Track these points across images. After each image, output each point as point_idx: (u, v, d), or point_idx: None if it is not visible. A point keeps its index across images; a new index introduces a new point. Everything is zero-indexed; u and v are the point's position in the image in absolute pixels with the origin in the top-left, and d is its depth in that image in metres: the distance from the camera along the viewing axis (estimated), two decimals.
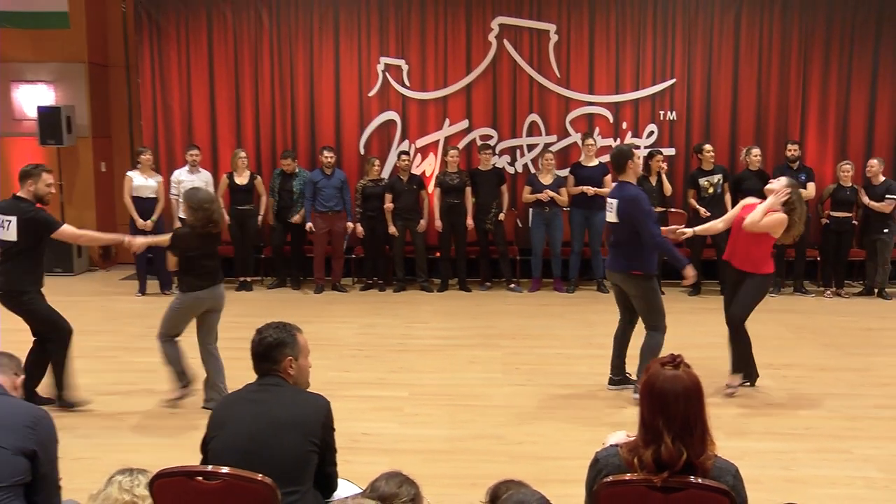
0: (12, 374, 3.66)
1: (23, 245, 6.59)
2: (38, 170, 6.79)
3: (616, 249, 6.86)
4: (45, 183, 6.76)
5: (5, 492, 3.22)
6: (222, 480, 3.11)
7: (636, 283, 6.76)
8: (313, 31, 12.21)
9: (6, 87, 12.80)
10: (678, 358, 2.98)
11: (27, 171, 6.79)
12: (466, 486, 4.87)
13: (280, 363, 3.59)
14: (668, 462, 2.83)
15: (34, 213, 6.64)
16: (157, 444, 5.85)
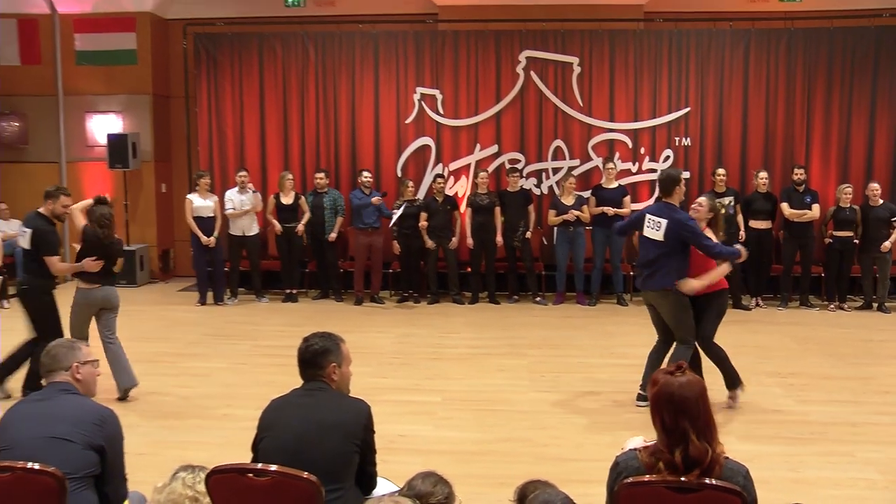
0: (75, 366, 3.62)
1: (34, 255, 7.04)
2: (58, 192, 7.19)
3: (651, 268, 6.62)
4: (62, 204, 7.12)
5: (78, 482, 3.26)
6: (271, 477, 3.12)
7: (671, 298, 6.57)
8: (355, 63, 12.29)
9: (81, 117, 13.02)
10: (682, 365, 3.00)
11: (49, 192, 7.19)
12: (495, 486, 4.85)
13: (325, 369, 3.59)
14: (697, 459, 2.81)
15: (44, 232, 7.05)
16: (211, 443, 5.88)
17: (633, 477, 2.90)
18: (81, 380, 3.62)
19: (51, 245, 7.08)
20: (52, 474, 3.09)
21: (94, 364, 3.74)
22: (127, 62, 12.74)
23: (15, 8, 12.79)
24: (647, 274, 6.67)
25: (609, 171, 11.29)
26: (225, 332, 9.65)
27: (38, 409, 3.46)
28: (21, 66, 12.98)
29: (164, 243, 13.37)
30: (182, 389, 7.30)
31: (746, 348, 8.68)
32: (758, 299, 11.10)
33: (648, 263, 6.65)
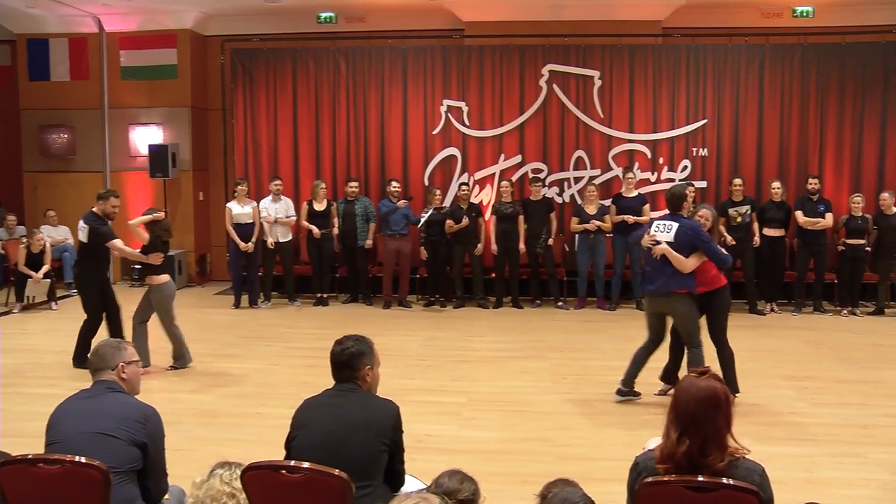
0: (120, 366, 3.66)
1: (90, 247, 8.00)
2: (108, 194, 8.17)
3: (660, 272, 6.60)
4: (112, 205, 8.09)
5: (121, 476, 3.30)
6: (303, 474, 3.13)
7: (680, 301, 6.57)
8: (384, 77, 12.35)
9: (125, 129, 13.19)
10: (707, 369, 2.98)
11: (101, 194, 8.16)
12: (518, 483, 4.84)
13: (359, 371, 3.60)
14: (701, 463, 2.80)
15: (98, 226, 7.96)
16: (246, 440, 5.91)
17: (652, 476, 2.89)
18: (126, 379, 3.66)
19: (106, 234, 7.99)
20: (97, 468, 3.14)
21: (139, 364, 3.80)
22: (168, 77, 12.90)
23: (67, 28, 13.05)
24: (656, 278, 6.66)
25: (629, 180, 11.25)
26: (259, 335, 9.70)
27: (85, 406, 3.50)
28: (70, 81, 13.19)
29: (201, 248, 13.48)
30: (218, 389, 7.35)
31: (761, 352, 8.62)
32: (772, 305, 11.01)
33: (658, 269, 6.64)
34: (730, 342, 6.87)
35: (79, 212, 12.95)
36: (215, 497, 3.10)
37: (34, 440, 3.73)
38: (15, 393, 7.13)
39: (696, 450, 2.82)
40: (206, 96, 13.47)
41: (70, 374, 7.38)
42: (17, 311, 11.01)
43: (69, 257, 12.24)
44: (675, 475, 2.84)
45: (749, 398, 6.86)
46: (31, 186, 13.44)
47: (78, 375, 6.14)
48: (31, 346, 9.11)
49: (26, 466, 3.21)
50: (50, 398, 3.94)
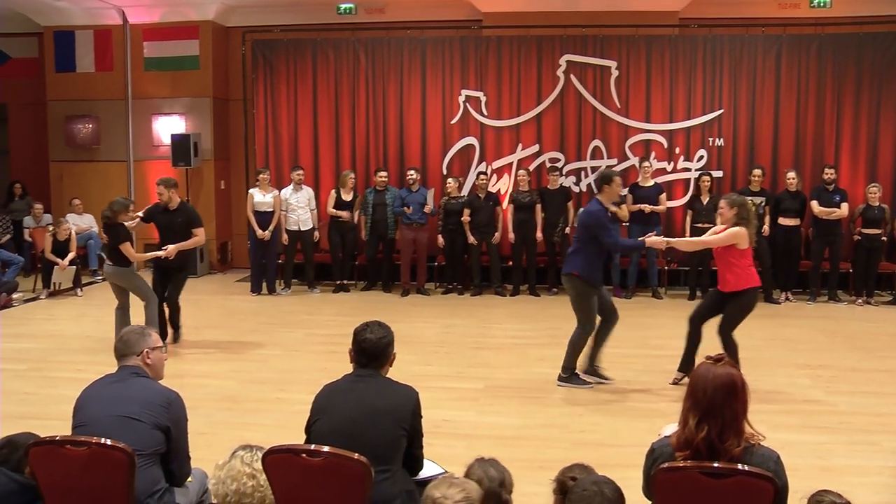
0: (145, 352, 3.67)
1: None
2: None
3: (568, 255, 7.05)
4: (158, 192, 8.33)
5: (146, 458, 3.33)
6: (324, 458, 3.14)
7: (573, 283, 6.83)
8: (403, 67, 12.33)
9: (148, 119, 13.25)
10: (722, 356, 2.97)
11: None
12: (535, 469, 4.83)
13: (388, 358, 3.64)
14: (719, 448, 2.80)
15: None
16: (266, 425, 5.93)
17: (668, 462, 2.88)
18: (151, 364, 3.69)
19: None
20: (123, 450, 3.16)
21: (163, 349, 3.81)
22: (190, 67, 12.93)
23: (92, 20, 13.12)
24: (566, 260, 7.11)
25: (645, 169, 11.20)
26: (280, 321, 9.74)
27: (111, 391, 3.53)
28: (95, 72, 13.25)
29: (222, 236, 13.54)
30: (240, 374, 7.39)
31: (776, 341, 8.57)
32: (787, 293, 10.94)
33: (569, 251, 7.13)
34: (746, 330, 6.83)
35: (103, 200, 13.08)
36: (235, 477, 3.14)
37: (61, 423, 3.77)
38: (42, 377, 7.20)
39: (715, 435, 2.82)
40: (228, 87, 13.49)
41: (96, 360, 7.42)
42: (44, 297, 11.12)
43: (94, 245, 12.34)
44: (693, 461, 2.83)
45: (764, 386, 6.81)
46: (57, 176, 13.54)
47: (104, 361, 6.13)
48: (58, 331, 9.19)
49: (55, 448, 3.25)
50: (76, 382, 3.97)
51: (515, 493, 3.23)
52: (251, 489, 3.14)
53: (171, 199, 8.24)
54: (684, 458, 2.86)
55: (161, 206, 8.34)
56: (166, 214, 8.32)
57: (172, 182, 8.39)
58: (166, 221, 8.32)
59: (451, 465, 3.69)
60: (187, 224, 8.28)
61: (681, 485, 2.86)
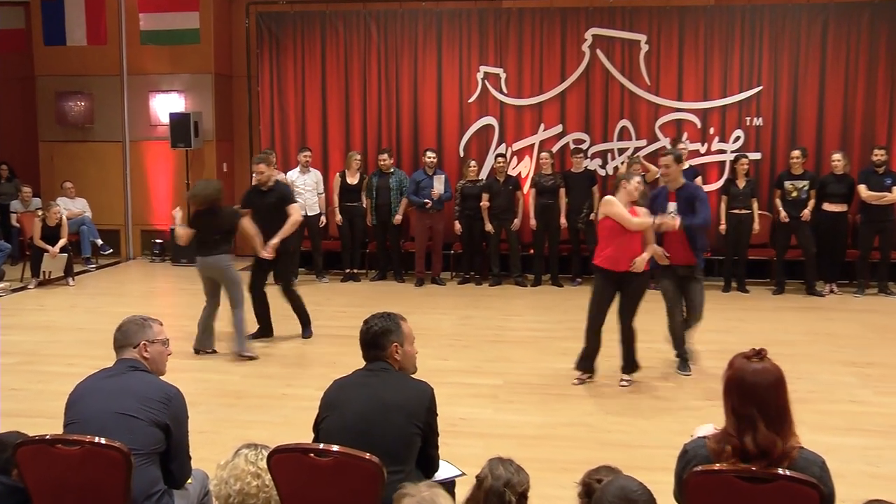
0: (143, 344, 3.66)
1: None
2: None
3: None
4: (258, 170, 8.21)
5: (143, 458, 3.33)
6: (333, 458, 3.14)
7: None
8: (418, 42, 12.30)
9: (145, 97, 13.29)
10: (762, 351, 2.94)
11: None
12: (557, 471, 4.83)
13: (386, 350, 3.60)
14: (764, 448, 2.76)
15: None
16: (272, 422, 5.95)
17: (702, 465, 2.86)
18: (149, 358, 3.67)
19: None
20: (118, 449, 3.16)
21: (165, 343, 3.77)
22: (190, 41, 12.92)
23: None
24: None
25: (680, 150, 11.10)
26: (286, 312, 9.74)
27: (106, 386, 3.52)
28: (88, 46, 13.26)
29: None
30: (243, 368, 7.42)
31: (820, 336, 8.51)
32: (832, 285, 10.83)
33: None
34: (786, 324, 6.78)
35: (97, 183, 13.28)
36: (239, 477, 3.14)
37: (52, 421, 3.78)
38: (32, 371, 7.25)
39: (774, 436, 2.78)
40: (231, 62, 13.50)
41: (90, 353, 7.47)
42: (32, 286, 11.14)
43: (87, 231, 12.40)
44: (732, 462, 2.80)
45: (807, 385, 6.78)
46: (47, 156, 13.61)
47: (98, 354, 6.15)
48: (49, 323, 9.24)
49: (44, 447, 3.24)
50: (68, 377, 3.99)
51: (536, 496, 3.22)
52: (255, 489, 3.15)
53: (269, 179, 8.07)
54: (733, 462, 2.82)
55: (258, 187, 8.23)
56: (260, 196, 8.17)
57: (271, 159, 8.32)
58: (259, 204, 8.12)
59: (467, 466, 3.68)
60: (279, 203, 8.07)
61: (716, 490, 2.82)
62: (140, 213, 13.53)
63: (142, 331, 3.69)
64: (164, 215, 13.27)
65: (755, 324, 8.84)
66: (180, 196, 13.07)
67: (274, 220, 7.99)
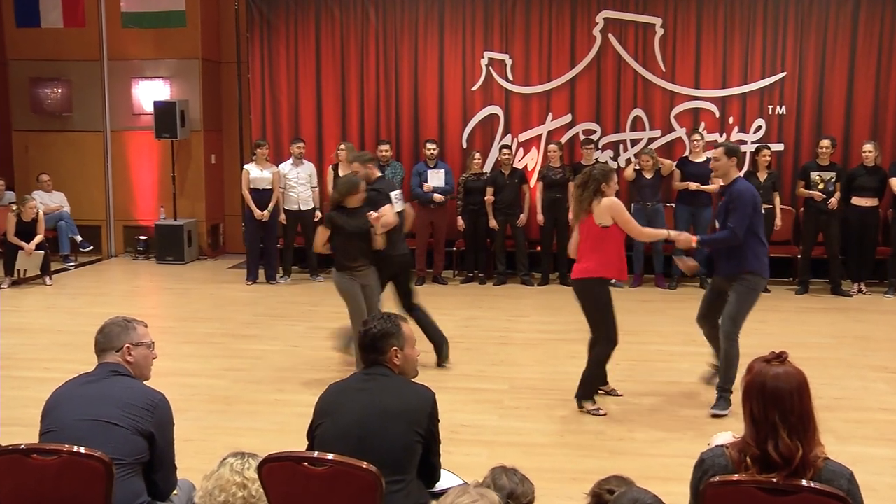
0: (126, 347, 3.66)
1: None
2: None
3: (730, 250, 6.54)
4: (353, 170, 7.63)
5: (126, 468, 3.33)
6: (328, 467, 3.15)
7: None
8: (418, 26, 12.29)
9: (127, 84, 13.29)
10: (783, 354, 2.94)
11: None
12: (566, 481, 4.84)
13: (386, 353, 3.62)
14: (786, 457, 2.76)
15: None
16: (263, 430, 5.97)
17: (720, 476, 2.86)
18: (133, 362, 3.67)
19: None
20: (99, 458, 3.16)
21: (150, 346, 3.77)
22: (175, 25, 12.91)
23: None
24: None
25: (695, 142, 11.09)
26: (279, 313, 9.78)
27: (86, 391, 3.53)
28: (64, 28, 13.24)
29: (213, 218, 13.59)
30: (234, 372, 7.42)
31: (847, 339, 8.50)
32: (860, 285, 10.81)
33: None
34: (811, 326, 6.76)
35: (76, 175, 13.29)
36: (224, 487, 3.13)
37: (28, 429, 3.79)
38: (7, 377, 7.24)
39: (797, 444, 2.78)
40: (219, 47, 13.51)
41: (68, 357, 7.49)
42: (6, 286, 11.13)
43: (65, 227, 12.39)
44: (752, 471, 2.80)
45: (833, 391, 6.77)
46: (21, 147, 13.62)
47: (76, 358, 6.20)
48: (25, 325, 9.25)
49: (19, 457, 3.24)
50: (45, 382, 4.00)
51: None
52: (241, 501, 3.14)
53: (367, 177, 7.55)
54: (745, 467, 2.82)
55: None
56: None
57: (368, 156, 7.86)
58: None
59: (470, 476, 3.68)
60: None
61: (735, 502, 2.83)
62: (122, 208, 13.54)
63: (125, 333, 3.69)
64: (148, 210, 13.31)
65: (777, 326, 8.83)
66: (165, 190, 13.10)
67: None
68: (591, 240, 6.37)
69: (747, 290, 6.37)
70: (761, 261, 6.40)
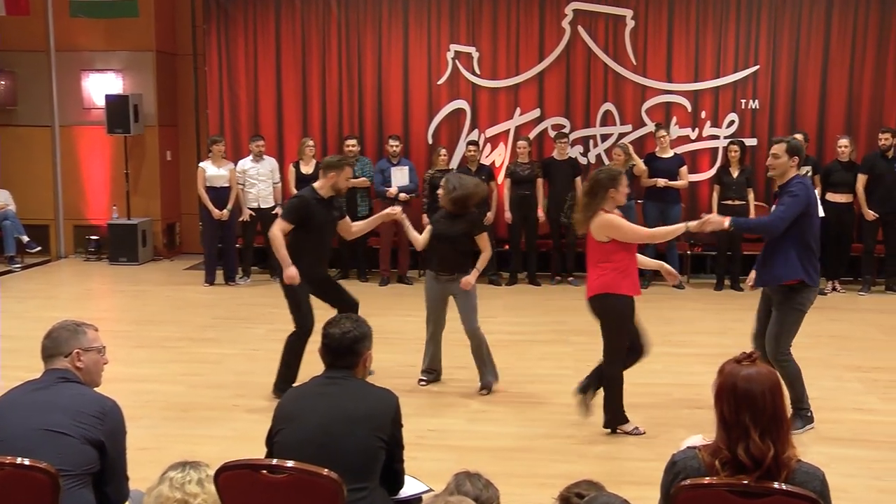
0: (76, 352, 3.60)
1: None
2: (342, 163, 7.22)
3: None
4: (346, 176, 7.20)
5: (74, 479, 3.27)
6: (288, 474, 3.14)
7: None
8: (382, 17, 12.27)
9: (76, 77, 13.14)
10: (753, 354, 2.98)
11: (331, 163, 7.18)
12: (536, 486, 4.85)
13: (360, 356, 3.63)
14: (757, 458, 2.79)
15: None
16: (221, 437, 5.95)
17: (692, 478, 2.88)
18: (83, 368, 3.61)
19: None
20: (44, 470, 3.11)
21: (100, 351, 3.71)
22: (127, 14, 12.66)
23: None
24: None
25: (661, 139, 11.18)
26: (238, 315, 9.73)
27: (32, 399, 3.47)
28: (7, 16, 12.92)
29: (168, 217, 13.48)
30: (191, 378, 7.37)
31: (822, 338, 8.58)
32: (835, 283, 10.95)
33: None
34: None
35: (22, 172, 13.10)
36: None
37: None
38: None
39: (769, 446, 2.82)
40: (175, 39, 13.41)
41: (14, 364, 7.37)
42: None
43: (10, 226, 12.22)
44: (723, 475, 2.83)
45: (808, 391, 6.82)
46: None
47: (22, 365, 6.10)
48: None
49: None
50: None
51: None
52: None
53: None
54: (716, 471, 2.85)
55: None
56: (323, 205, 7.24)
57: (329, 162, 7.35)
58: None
59: (436, 482, 3.69)
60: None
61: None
62: (72, 207, 13.39)
63: (74, 337, 3.63)
64: (100, 209, 13.17)
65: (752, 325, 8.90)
66: (118, 187, 12.97)
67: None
68: (595, 252, 6.11)
69: (790, 306, 6.04)
70: (807, 270, 5.98)
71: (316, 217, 6.94)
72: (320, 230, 7.03)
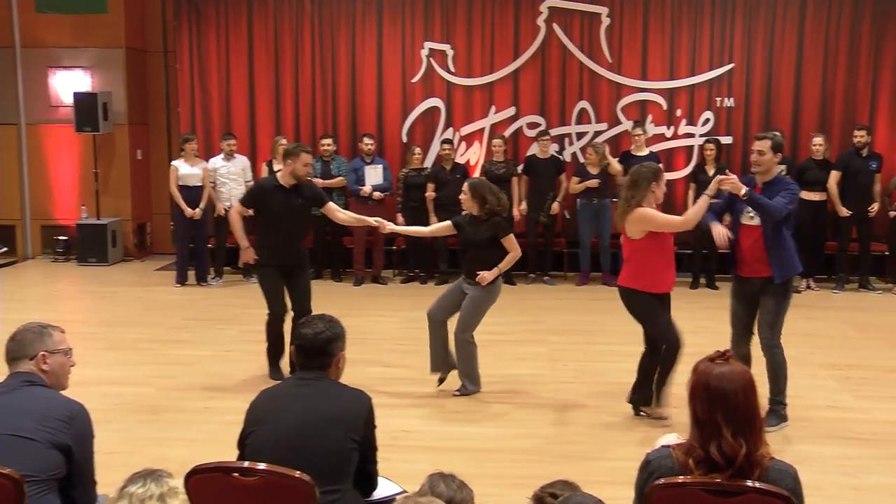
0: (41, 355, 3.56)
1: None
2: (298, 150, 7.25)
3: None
4: (304, 162, 7.16)
5: (39, 485, 3.24)
6: (260, 477, 3.13)
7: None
8: (356, 15, 12.25)
9: (43, 73, 13.01)
10: (727, 352, 3.00)
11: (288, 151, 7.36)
12: (511, 487, 4.85)
13: (333, 357, 3.62)
14: (729, 457, 2.81)
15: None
16: (193, 439, 5.91)
17: (666, 478, 2.90)
18: (49, 370, 3.58)
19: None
20: (7, 476, 3.07)
21: (67, 353, 3.68)
22: (96, 10, 12.54)
23: None
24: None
25: (637, 137, 11.22)
26: (210, 316, 9.68)
27: None
28: None
29: (139, 217, 13.39)
30: (161, 380, 7.32)
31: (796, 337, 8.56)
32: (809, 281, 11.03)
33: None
34: None
35: None
36: None
37: None
38: None
39: (741, 444, 2.84)
40: (145, 36, 13.32)
41: None
42: None
43: None
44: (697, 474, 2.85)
45: None
46: None
47: None
48: None
49: None
50: None
51: None
52: None
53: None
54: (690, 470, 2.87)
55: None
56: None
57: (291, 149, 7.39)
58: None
59: (411, 484, 3.69)
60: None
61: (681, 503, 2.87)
62: (40, 207, 13.27)
63: (39, 339, 3.60)
64: (69, 208, 13.06)
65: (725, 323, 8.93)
66: (87, 187, 12.87)
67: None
68: (626, 248, 6.29)
69: (785, 294, 6.14)
70: (796, 259, 6.17)
71: (272, 204, 7.11)
72: (279, 217, 7.13)
